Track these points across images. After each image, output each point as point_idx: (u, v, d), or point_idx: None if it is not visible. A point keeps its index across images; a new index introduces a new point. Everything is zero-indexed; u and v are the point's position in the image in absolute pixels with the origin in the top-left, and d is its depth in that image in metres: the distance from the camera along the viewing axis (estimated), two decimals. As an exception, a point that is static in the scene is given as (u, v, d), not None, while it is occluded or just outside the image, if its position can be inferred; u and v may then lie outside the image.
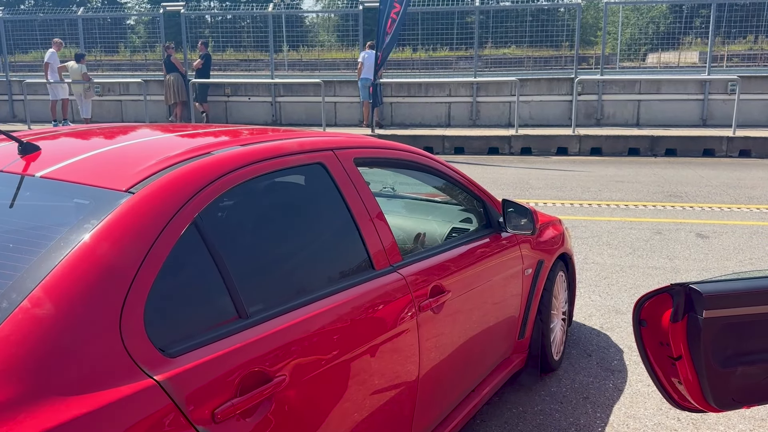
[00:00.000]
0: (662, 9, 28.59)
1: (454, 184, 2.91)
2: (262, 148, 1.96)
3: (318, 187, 2.13)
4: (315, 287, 1.91)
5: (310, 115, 13.96)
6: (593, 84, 13.15)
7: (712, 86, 12.76)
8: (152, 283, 1.48)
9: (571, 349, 3.93)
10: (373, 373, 2.00)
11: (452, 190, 3.16)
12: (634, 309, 2.23)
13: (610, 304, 4.68)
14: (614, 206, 7.82)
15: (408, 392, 2.20)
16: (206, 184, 1.70)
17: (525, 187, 8.97)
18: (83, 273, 1.40)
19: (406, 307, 2.17)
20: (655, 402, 3.30)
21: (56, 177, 1.70)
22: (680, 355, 2.22)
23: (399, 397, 2.15)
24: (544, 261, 3.37)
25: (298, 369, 1.71)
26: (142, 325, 1.43)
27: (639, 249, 6.02)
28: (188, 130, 2.32)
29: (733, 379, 2.27)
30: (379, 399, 2.04)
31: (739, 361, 2.21)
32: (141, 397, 1.36)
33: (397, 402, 2.15)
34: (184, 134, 2.22)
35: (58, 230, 1.50)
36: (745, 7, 16.82)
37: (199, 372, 1.48)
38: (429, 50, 20.56)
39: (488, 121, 13.47)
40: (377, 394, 2.03)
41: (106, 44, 20.15)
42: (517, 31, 18.81)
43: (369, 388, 1.99)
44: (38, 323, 1.31)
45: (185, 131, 2.29)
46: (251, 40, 20.98)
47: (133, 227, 1.52)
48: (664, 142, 11.65)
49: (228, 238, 1.76)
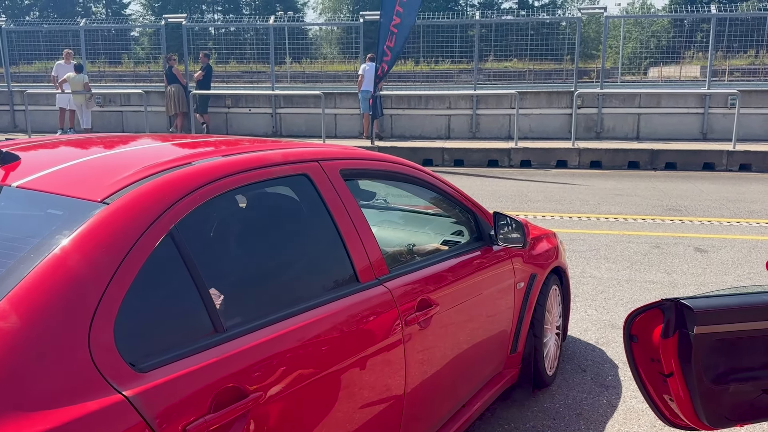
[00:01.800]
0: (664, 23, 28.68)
1: (444, 196, 2.88)
2: (243, 158, 1.93)
3: (302, 199, 2.10)
4: (296, 300, 1.88)
5: (310, 127, 13.97)
6: (593, 97, 13.15)
7: (712, 100, 12.74)
8: (124, 296, 1.45)
9: (566, 364, 3.88)
10: (356, 389, 1.96)
11: (443, 203, 3.13)
12: (625, 324, 2.19)
13: (606, 318, 4.63)
14: (613, 220, 7.78)
15: (393, 408, 2.16)
16: (183, 195, 1.67)
17: (524, 200, 8.93)
18: (51, 285, 1.37)
19: (391, 321, 2.13)
20: (648, 419, 3.25)
21: (32, 187, 1.67)
22: (671, 371, 2.17)
23: (384, 413, 2.11)
24: (537, 275, 3.33)
25: (276, 384, 1.67)
26: (112, 339, 1.40)
27: (637, 263, 5.97)
28: (173, 140, 2.30)
29: (726, 397, 2.22)
30: (362, 415, 2.00)
31: (732, 377, 2.17)
32: (109, 413, 1.32)
33: (381, 418, 2.10)
34: (166, 144, 2.20)
35: (28, 241, 1.48)
36: (746, 22, 16.84)
37: (171, 387, 1.45)
38: (431, 63, 20.63)
39: (488, 134, 13.47)
40: (360, 410, 1.99)
41: (110, 55, 20.24)
42: (518, 44, 18.87)
43: (352, 403, 1.95)
44: (3, 337, 1.28)
45: (169, 141, 2.26)
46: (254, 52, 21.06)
47: (105, 238, 1.49)
48: (664, 155, 11.62)
49: (205, 251, 1.73)
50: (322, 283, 2.03)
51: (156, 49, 22.69)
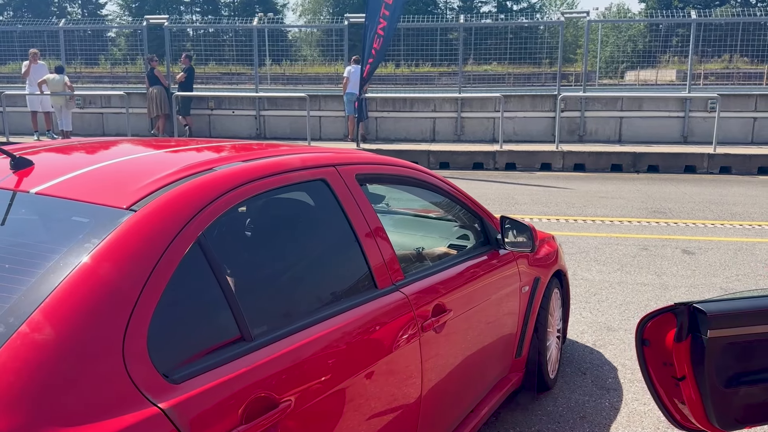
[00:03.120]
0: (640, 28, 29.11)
1: (454, 200, 2.88)
2: (264, 164, 1.91)
3: (321, 205, 2.07)
4: (319, 307, 1.85)
5: (294, 129, 13.91)
6: (576, 101, 13.27)
7: (693, 104, 12.94)
8: (155, 306, 1.42)
9: (565, 367, 3.90)
10: (376, 396, 1.94)
11: (452, 207, 3.13)
12: (637, 328, 2.20)
13: (602, 321, 4.66)
14: (599, 222, 7.85)
15: (411, 414, 2.15)
16: (210, 201, 1.64)
17: (510, 203, 8.98)
18: (85, 295, 1.33)
19: (409, 327, 2.11)
20: (652, 421, 3.27)
21: (52, 193, 1.63)
22: (684, 375, 2.19)
23: (402, 418, 2.10)
24: (541, 278, 3.34)
25: (303, 393, 1.65)
26: (145, 349, 1.37)
27: (627, 265, 6.03)
28: (184, 145, 2.26)
29: (736, 399, 2.25)
30: (381, 422, 1.98)
31: (743, 380, 2.19)
32: (146, 426, 1.29)
33: (400, 424, 2.09)
34: (180, 149, 2.16)
35: (56, 250, 1.43)
36: (721, 27, 17.16)
37: (205, 399, 1.42)
38: (412, 66, 20.69)
39: (473, 137, 13.52)
40: (380, 416, 1.97)
41: (87, 56, 19.94)
42: (498, 48, 19.01)
43: (372, 410, 1.93)
44: (38, 349, 1.24)
45: (181, 146, 2.22)
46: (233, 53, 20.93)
47: (135, 247, 1.45)
48: (646, 158, 11.77)
49: (231, 258, 1.70)
50: (342, 290, 2.01)
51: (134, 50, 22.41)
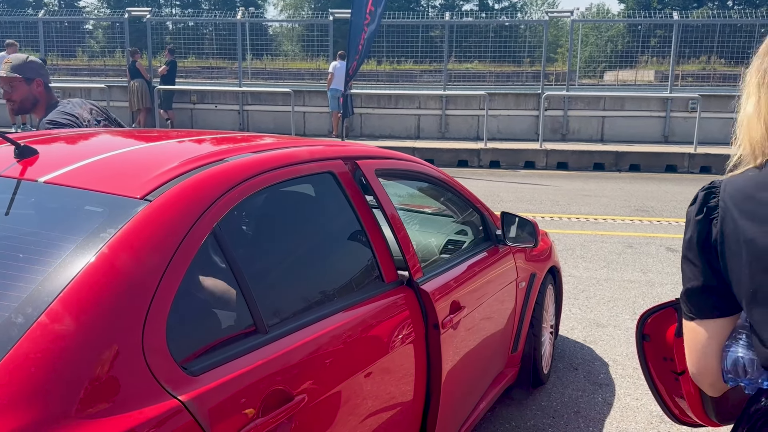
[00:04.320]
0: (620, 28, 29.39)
1: (458, 196, 2.89)
2: (275, 155, 1.89)
3: (329, 197, 2.06)
4: (334, 300, 1.84)
5: (278, 125, 13.82)
6: (559, 100, 13.37)
7: (674, 104, 13.11)
8: (173, 297, 1.39)
9: (558, 363, 3.93)
10: (389, 391, 1.93)
11: (451, 201, 3.13)
12: (638, 324, 2.22)
13: (591, 317, 4.70)
14: (584, 220, 7.92)
15: (419, 409, 2.14)
16: (224, 191, 1.62)
17: (496, 200, 9.02)
18: (104, 286, 1.30)
19: (425, 323, 2.12)
20: (644, 416, 3.31)
21: (62, 182, 1.59)
22: (683, 370, 2.22)
23: (417, 412, 2.10)
24: (537, 274, 3.36)
25: (318, 386, 1.64)
26: (164, 341, 1.34)
27: (612, 262, 6.09)
28: (190, 135, 2.23)
29: (734, 394, 2.29)
30: (397, 415, 1.98)
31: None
32: (166, 418, 1.27)
33: (415, 417, 2.09)
34: (187, 140, 2.13)
35: (72, 239, 1.40)
36: (699, 29, 17.41)
37: (223, 391, 1.40)
38: (394, 63, 20.69)
39: (457, 134, 13.56)
40: (395, 410, 1.97)
41: (64, 48, 19.59)
42: (479, 46, 19.09)
43: (387, 404, 1.92)
44: (58, 340, 1.21)
45: (187, 137, 2.19)
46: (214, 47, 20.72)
47: (153, 237, 1.42)
48: (628, 157, 11.90)
49: (246, 249, 1.68)
50: (354, 283, 2.00)
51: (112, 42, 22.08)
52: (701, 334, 1.23)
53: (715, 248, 1.16)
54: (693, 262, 1.22)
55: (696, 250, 1.20)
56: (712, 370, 1.24)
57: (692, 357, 1.29)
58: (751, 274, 1.09)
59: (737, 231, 1.10)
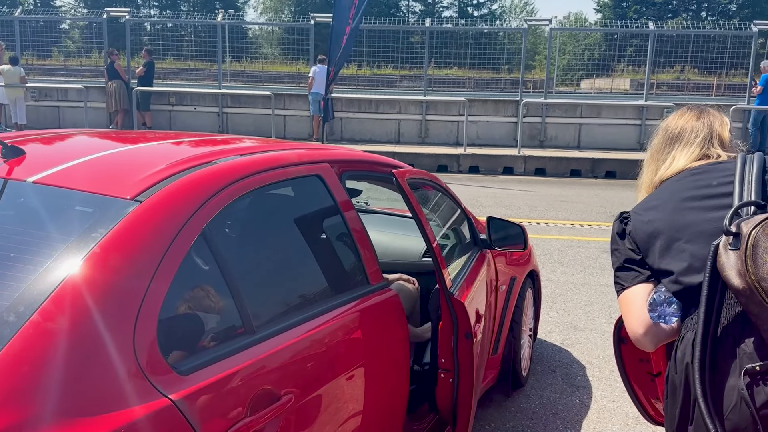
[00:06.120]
0: (597, 37, 29.81)
1: (442, 200, 2.93)
2: (263, 158, 1.91)
3: (316, 199, 2.09)
4: (320, 301, 1.87)
5: (258, 128, 13.76)
6: (537, 107, 13.53)
7: (649, 112, 13.34)
8: (164, 297, 1.41)
9: (536, 365, 3.98)
10: (376, 390, 1.96)
11: (439, 206, 3.17)
12: (615, 327, 2.28)
13: (568, 320, 4.78)
14: (561, 225, 8.03)
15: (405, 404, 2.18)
16: (214, 193, 1.63)
17: (475, 205, 9.09)
18: (96, 285, 1.32)
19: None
20: (621, 417, 3.38)
21: (51, 183, 1.60)
22: (659, 371, 2.28)
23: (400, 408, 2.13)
24: (517, 277, 3.42)
25: (305, 386, 1.66)
26: (155, 340, 1.36)
27: (589, 267, 6.19)
28: (177, 137, 2.24)
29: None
30: (383, 415, 2.01)
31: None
32: (157, 417, 1.28)
33: (399, 413, 2.12)
34: (176, 141, 2.14)
35: (63, 239, 1.41)
36: (673, 39, 17.76)
37: (213, 390, 1.42)
38: (374, 68, 20.74)
39: (437, 139, 13.64)
40: (381, 409, 2.00)
41: (39, 48, 19.33)
42: (459, 53, 19.23)
43: (373, 403, 1.95)
44: (51, 340, 1.22)
45: (175, 138, 2.20)
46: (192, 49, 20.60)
47: (144, 237, 1.44)
48: (604, 164, 12.08)
49: (234, 250, 1.70)
50: (344, 284, 2.03)
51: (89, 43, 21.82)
52: (632, 297, 1.64)
53: (629, 236, 1.68)
54: (617, 248, 1.71)
55: (617, 239, 1.71)
56: (644, 321, 1.61)
57: (629, 318, 1.66)
58: (650, 240, 1.64)
59: (638, 220, 1.68)
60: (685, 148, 1.79)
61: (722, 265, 1.38)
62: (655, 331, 1.62)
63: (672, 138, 1.84)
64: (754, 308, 1.36)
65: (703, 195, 1.62)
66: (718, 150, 1.78)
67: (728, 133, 1.84)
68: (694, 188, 1.65)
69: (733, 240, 1.38)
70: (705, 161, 1.76)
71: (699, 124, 1.82)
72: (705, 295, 1.44)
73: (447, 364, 2.28)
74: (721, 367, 1.46)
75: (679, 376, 1.57)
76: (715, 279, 1.42)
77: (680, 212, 1.61)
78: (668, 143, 1.84)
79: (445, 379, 2.30)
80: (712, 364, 1.47)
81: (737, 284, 1.36)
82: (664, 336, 1.63)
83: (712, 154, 1.77)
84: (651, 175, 1.84)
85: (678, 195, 1.65)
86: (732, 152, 1.79)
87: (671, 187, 1.71)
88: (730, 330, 1.46)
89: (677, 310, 1.59)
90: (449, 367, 2.28)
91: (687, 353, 1.52)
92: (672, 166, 1.77)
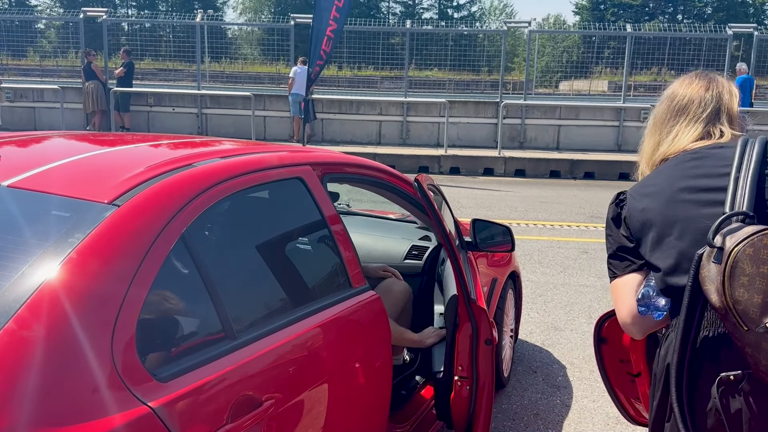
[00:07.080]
0: (575, 39, 30.09)
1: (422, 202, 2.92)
2: (243, 161, 1.89)
3: (298, 202, 2.07)
4: (300, 305, 1.85)
5: (238, 129, 13.68)
6: (517, 108, 13.62)
7: (627, 114, 13.50)
8: (143, 303, 1.39)
9: (517, 366, 4.00)
10: (360, 391, 1.95)
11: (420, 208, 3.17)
12: (596, 327, 2.29)
13: (549, 321, 4.81)
14: (541, 226, 8.09)
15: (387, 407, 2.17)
16: (193, 196, 1.61)
17: (456, 206, 9.11)
18: (72, 292, 1.29)
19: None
20: (602, 417, 3.40)
21: (26, 186, 1.57)
22: (639, 371, 2.30)
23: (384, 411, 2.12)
24: (498, 278, 3.43)
25: (286, 391, 1.65)
26: (134, 347, 1.34)
27: (569, 268, 6.24)
28: (155, 139, 2.21)
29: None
30: (366, 420, 2.00)
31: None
32: (136, 425, 1.26)
33: (382, 416, 2.11)
34: (154, 144, 2.11)
35: (39, 244, 1.38)
36: (650, 41, 17.99)
37: (192, 397, 1.40)
38: (354, 69, 20.73)
39: (418, 141, 13.67)
40: (363, 414, 1.99)
41: (14, 48, 19.03)
42: (439, 54, 19.29)
43: (356, 404, 1.94)
44: (26, 347, 1.19)
45: (153, 141, 2.18)
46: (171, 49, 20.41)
47: (122, 242, 1.42)
48: (583, 165, 12.19)
49: (214, 255, 1.68)
50: (325, 287, 2.02)
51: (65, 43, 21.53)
52: (622, 286, 1.63)
53: (624, 222, 1.65)
54: (611, 234, 1.68)
55: (612, 225, 1.68)
56: (632, 311, 1.61)
57: (619, 306, 1.66)
58: (643, 229, 1.61)
59: (633, 207, 1.64)
60: (690, 124, 1.70)
61: (703, 277, 1.38)
62: (642, 322, 1.62)
63: (678, 110, 1.73)
64: (728, 325, 1.37)
65: (697, 187, 1.57)
66: (724, 126, 1.69)
67: (736, 106, 1.75)
68: (689, 177, 1.59)
69: (716, 252, 1.37)
70: (706, 141, 1.68)
71: (708, 96, 1.71)
72: (686, 303, 1.44)
73: (464, 372, 2.25)
74: (700, 371, 1.47)
75: (660, 372, 1.58)
76: (697, 288, 1.42)
77: (673, 204, 1.57)
78: (673, 115, 1.72)
79: (462, 387, 2.27)
80: (692, 367, 1.48)
81: (714, 301, 1.36)
82: (652, 325, 1.64)
83: (715, 132, 1.68)
84: (652, 148, 1.76)
85: (674, 184, 1.60)
86: (737, 129, 1.71)
87: (668, 173, 1.64)
88: (711, 336, 1.47)
89: (666, 305, 1.59)
90: (467, 375, 2.25)
91: (669, 354, 1.52)
92: (674, 143, 1.69)
